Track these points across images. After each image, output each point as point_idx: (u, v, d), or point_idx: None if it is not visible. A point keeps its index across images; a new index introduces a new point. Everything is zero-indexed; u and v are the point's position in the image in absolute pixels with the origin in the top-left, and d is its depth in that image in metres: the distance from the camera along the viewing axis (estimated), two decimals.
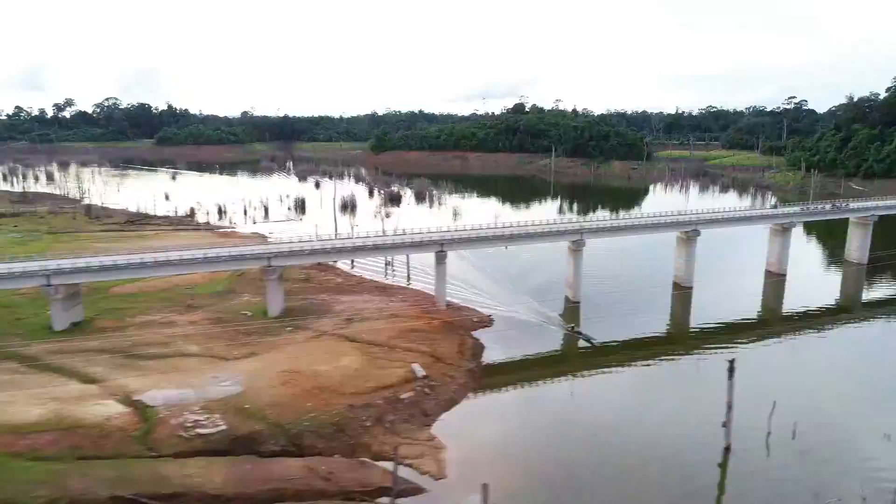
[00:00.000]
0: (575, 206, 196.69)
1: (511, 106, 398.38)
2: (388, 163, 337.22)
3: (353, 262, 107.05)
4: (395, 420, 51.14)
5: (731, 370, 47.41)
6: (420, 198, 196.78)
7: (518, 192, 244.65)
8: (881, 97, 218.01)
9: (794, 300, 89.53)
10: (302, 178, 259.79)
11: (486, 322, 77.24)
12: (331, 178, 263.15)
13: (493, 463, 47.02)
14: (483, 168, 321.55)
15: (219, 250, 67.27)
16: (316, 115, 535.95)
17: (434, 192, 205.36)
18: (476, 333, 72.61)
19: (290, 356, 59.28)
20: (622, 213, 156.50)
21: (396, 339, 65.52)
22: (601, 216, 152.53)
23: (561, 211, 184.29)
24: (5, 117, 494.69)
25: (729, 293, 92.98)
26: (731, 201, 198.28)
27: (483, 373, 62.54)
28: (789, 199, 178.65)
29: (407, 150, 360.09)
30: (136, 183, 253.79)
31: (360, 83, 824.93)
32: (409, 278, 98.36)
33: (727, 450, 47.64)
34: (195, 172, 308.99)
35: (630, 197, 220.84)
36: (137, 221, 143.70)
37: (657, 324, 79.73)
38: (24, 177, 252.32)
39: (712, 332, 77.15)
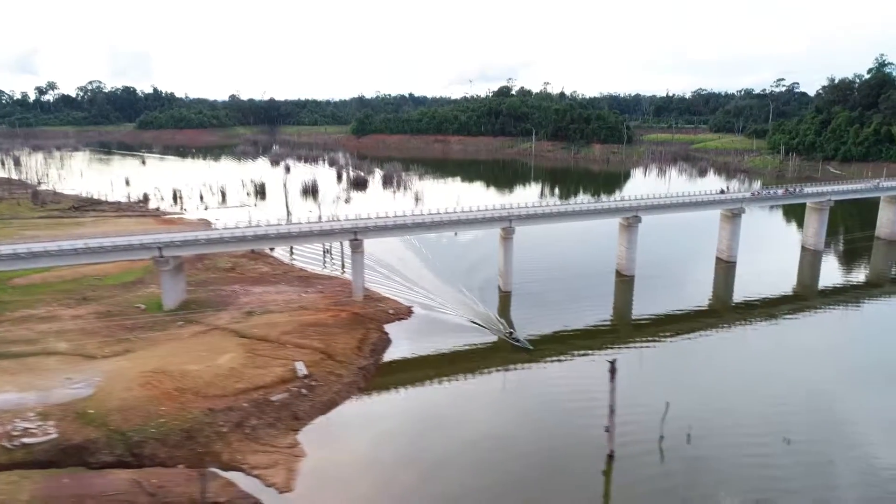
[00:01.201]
0: (556, 190, 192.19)
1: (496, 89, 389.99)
2: (369, 146, 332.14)
3: (291, 249, 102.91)
4: (258, 425, 47.08)
5: (612, 371, 43.23)
6: (388, 182, 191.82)
7: (497, 175, 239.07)
8: (864, 78, 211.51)
9: (745, 288, 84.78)
10: (274, 162, 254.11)
11: (405, 314, 73.15)
12: (305, 162, 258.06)
13: (352, 475, 43.04)
14: (464, 152, 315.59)
15: (102, 240, 62.70)
16: (303, 98, 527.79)
17: (403, 175, 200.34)
18: (389, 327, 68.46)
19: (165, 354, 55.12)
20: (560, 200, 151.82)
21: (291, 333, 61.31)
22: (534, 202, 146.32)
23: (542, 195, 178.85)
24: None
25: (673, 281, 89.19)
26: (708, 185, 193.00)
27: (379, 371, 58.44)
28: (767, 182, 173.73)
29: (388, 133, 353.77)
30: (108, 167, 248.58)
31: (351, 67, 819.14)
32: (343, 267, 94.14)
33: (610, 456, 43.68)
34: (176, 157, 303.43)
35: (607, 181, 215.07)
36: (83, 207, 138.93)
37: (595, 314, 75.16)
38: None
39: (648, 323, 72.65)
